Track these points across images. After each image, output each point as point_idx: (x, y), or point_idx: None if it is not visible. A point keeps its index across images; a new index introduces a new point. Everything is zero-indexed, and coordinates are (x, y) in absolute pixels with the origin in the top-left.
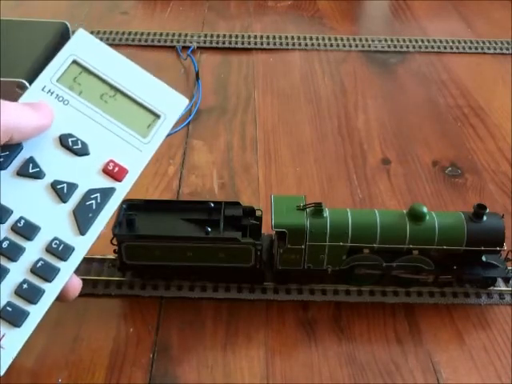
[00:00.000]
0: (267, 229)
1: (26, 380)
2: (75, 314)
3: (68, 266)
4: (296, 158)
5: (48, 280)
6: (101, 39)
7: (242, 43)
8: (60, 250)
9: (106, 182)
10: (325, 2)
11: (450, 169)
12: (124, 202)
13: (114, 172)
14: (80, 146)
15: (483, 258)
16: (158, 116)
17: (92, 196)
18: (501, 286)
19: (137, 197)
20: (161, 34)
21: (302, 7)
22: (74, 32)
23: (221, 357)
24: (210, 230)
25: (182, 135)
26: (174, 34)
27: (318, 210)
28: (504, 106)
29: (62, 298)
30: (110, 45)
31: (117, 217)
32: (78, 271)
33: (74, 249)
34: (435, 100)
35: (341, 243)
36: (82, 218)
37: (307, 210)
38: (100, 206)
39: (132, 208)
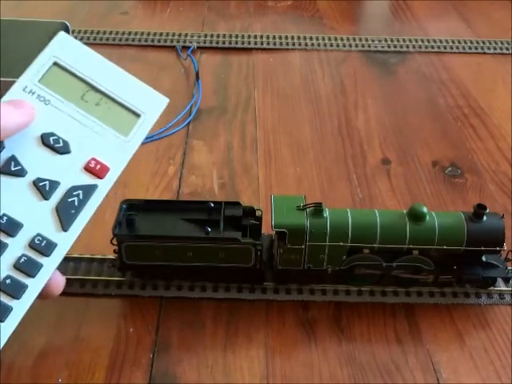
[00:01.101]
0: (267, 229)
1: (26, 380)
2: (75, 313)
3: (51, 261)
4: (296, 158)
5: (31, 275)
6: (101, 39)
7: (242, 43)
8: (43, 246)
9: (87, 180)
10: (325, 2)
11: (449, 169)
12: (124, 201)
13: (96, 169)
14: (61, 144)
15: (483, 258)
16: (138, 115)
17: (74, 193)
18: (501, 286)
19: (137, 197)
20: (161, 34)
21: (302, 7)
22: (73, 32)
23: (221, 357)
24: (210, 229)
25: (182, 135)
26: (174, 34)
27: (317, 209)
28: (504, 106)
29: (45, 294)
30: (110, 45)
31: (117, 217)
32: (79, 270)
33: (56, 245)
34: (435, 100)
35: (341, 243)
36: (65, 214)
37: (307, 209)
38: (82, 203)
39: (132, 208)
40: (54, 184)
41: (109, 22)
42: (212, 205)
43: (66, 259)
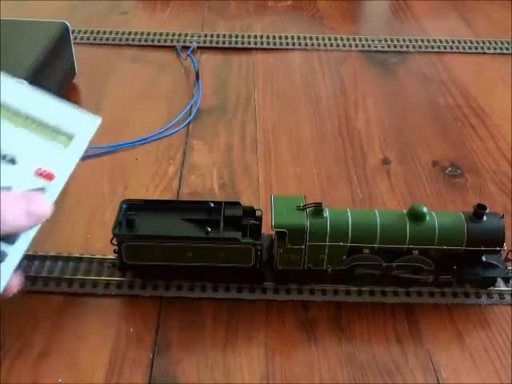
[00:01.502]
0: (267, 229)
1: (26, 380)
2: (75, 313)
3: (16, 248)
4: (296, 157)
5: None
6: (101, 39)
7: (242, 43)
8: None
9: (38, 183)
10: (325, 2)
11: (449, 169)
12: (124, 201)
13: (44, 174)
14: (9, 159)
15: (483, 258)
16: (72, 135)
17: None
18: (501, 286)
19: (137, 197)
20: (161, 34)
21: (302, 7)
22: (73, 32)
23: (221, 357)
24: (210, 229)
25: (182, 135)
26: (174, 34)
27: (317, 210)
28: (504, 106)
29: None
30: (110, 45)
31: (117, 217)
32: (79, 270)
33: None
34: (435, 100)
35: (341, 243)
36: None
37: (307, 209)
38: None
39: (132, 208)
40: (8, 189)
41: (109, 21)
42: (212, 205)
43: (67, 259)
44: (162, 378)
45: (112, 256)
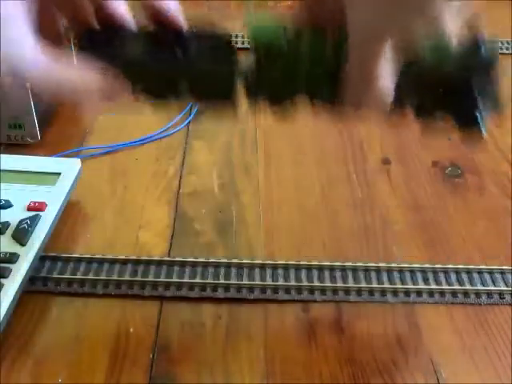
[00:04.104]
0: None
1: (26, 380)
2: (75, 313)
3: (17, 266)
4: (296, 158)
5: (4, 276)
6: None
7: (242, 43)
8: (8, 256)
9: (31, 213)
10: None
11: (450, 169)
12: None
13: (36, 206)
14: (4, 202)
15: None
16: (59, 173)
17: (23, 222)
18: (501, 286)
19: (137, 197)
20: None
21: None
22: None
23: (221, 357)
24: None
25: (181, 135)
26: None
27: None
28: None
29: None
30: None
31: None
32: (78, 270)
33: (19, 255)
34: None
35: None
36: (20, 235)
37: None
38: (31, 226)
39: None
40: (5, 224)
41: None
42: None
43: (66, 259)
44: (162, 378)
45: (111, 256)
